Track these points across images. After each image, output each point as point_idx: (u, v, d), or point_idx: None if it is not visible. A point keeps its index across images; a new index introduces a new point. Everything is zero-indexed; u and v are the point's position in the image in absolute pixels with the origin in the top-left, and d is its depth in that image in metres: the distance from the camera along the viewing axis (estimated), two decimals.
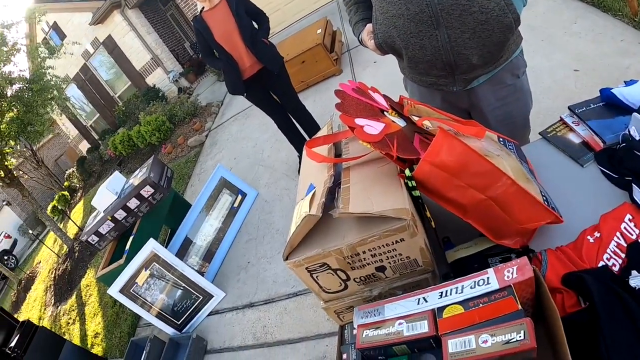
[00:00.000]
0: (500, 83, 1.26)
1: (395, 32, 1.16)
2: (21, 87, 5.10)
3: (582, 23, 2.89)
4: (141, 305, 2.67)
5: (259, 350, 2.31)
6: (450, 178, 0.69)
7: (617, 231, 0.68)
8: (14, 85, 5.02)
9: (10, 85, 4.92)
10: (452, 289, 0.59)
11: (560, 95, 2.42)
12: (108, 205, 3.02)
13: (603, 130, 0.94)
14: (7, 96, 4.97)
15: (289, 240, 0.71)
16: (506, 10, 1.05)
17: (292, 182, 3.40)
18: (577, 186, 0.90)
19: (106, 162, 8.80)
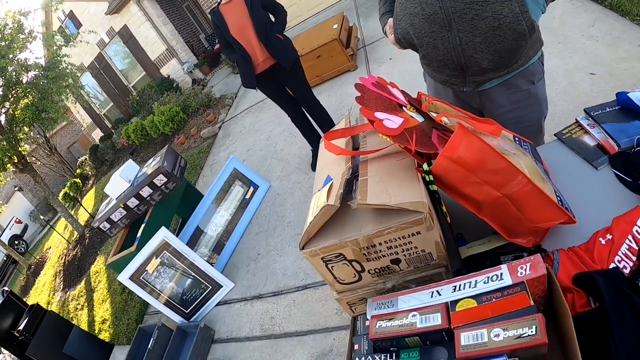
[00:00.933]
0: (513, 87, 1.25)
1: (411, 29, 1.17)
2: (37, 74, 5.17)
3: (599, 26, 2.86)
4: (150, 293, 2.72)
5: (266, 341, 2.34)
6: (467, 174, 0.71)
7: (630, 234, 0.68)
8: (29, 72, 5.09)
9: (26, 72, 4.99)
10: (465, 283, 0.60)
11: (576, 99, 2.40)
12: (121, 193, 3.07)
13: (618, 134, 0.94)
14: (23, 83, 5.04)
15: (305, 230, 0.73)
16: (520, 18, 1.03)
17: (305, 176, 3.42)
18: (590, 188, 0.91)
19: (119, 150, 8.91)
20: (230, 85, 7.31)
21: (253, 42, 2.80)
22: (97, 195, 7.93)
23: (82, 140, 13.21)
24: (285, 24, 2.95)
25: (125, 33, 9.19)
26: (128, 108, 9.72)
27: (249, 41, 2.79)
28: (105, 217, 3.01)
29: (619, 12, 2.84)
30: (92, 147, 9.92)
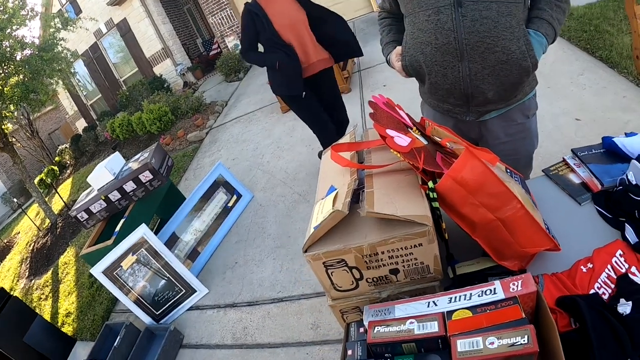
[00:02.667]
0: (510, 120, 1.35)
1: (422, 57, 1.24)
2: (31, 53, 5.07)
3: (588, 75, 3.04)
4: (122, 290, 2.66)
5: (237, 350, 2.31)
6: (467, 195, 0.76)
7: (609, 264, 0.74)
8: (24, 50, 4.99)
9: (22, 49, 4.89)
10: (460, 295, 0.64)
11: (560, 141, 2.53)
12: (103, 185, 3.01)
13: (602, 174, 1.02)
14: (16, 60, 4.93)
15: (311, 234, 0.75)
16: (526, 55, 1.13)
17: (289, 190, 3.44)
18: (574, 222, 0.97)
19: (101, 143, 8.73)
20: (221, 93, 7.33)
21: (306, 41, 2.47)
22: (73, 186, 7.71)
23: (65, 128, 12.88)
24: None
25: (124, 26, 9.14)
26: (116, 102, 9.58)
27: (301, 39, 2.46)
28: (84, 207, 2.94)
29: (607, 64, 3.04)
30: (74, 137, 9.69)
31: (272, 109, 5.42)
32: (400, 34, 1.38)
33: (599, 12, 3.89)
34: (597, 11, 3.93)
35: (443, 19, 1.14)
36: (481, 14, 1.10)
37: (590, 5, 4.14)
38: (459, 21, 1.12)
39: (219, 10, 8.39)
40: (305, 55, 2.50)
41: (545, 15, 1.17)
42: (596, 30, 3.53)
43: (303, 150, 3.99)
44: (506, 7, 1.09)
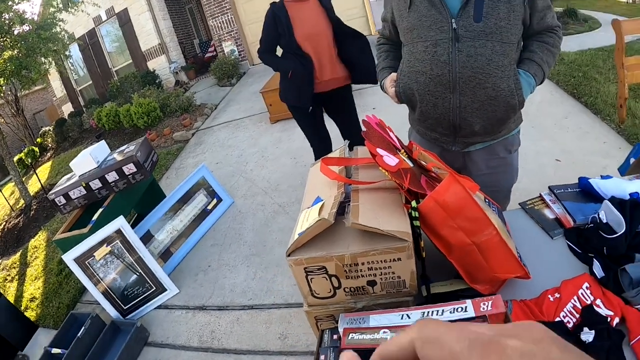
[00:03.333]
0: (493, 154, 1.41)
1: (415, 86, 1.29)
2: (29, 30, 4.99)
3: (572, 119, 3.19)
4: (91, 280, 2.60)
5: (202, 354, 2.28)
6: (447, 218, 0.79)
7: (575, 295, 0.79)
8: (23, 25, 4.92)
9: (21, 24, 4.81)
10: (433, 310, 0.67)
11: (539, 179, 2.63)
12: (85, 172, 2.96)
13: (575, 212, 1.08)
14: (14, 34, 4.85)
15: (295, 239, 0.78)
16: (514, 93, 1.20)
17: (269, 200, 3.46)
18: (545, 254, 1.02)
19: (85, 130, 8.56)
20: (212, 96, 7.33)
21: (324, 55, 2.36)
22: (52, 169, 7.51)
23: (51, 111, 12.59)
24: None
25: (124, 16, 9.08)
26: (106, 91, 9.44)
27: (320, 52, 2.35)
28: (63, 191, 2.88)
29: (592, 110, 3.19)
30: (59, 120, 9.47)
31: (260, 118, 5.45)
32: (397, 60, 1.44)
33: (589, 59, 4.10)
34: (587, 58, 4.14)
35: (440, 52, 1.20)
36: (476, 50, 1.16)
37: (582, 52, 4.36)
38: (454, 55, 1.18)
39: (221, 14, 8.44)
40: (320, 71, 2.40)
41: (536, 57, 1.24)
42: (584, 77, 3.72)
43: (287, 162, 4.02)
44: (500, 46, 1.16)
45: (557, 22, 1.27)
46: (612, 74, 3.60)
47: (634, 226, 0.89)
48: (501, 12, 1.12)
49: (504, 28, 1.14)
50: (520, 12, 1.16)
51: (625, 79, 2.59)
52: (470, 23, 1.14)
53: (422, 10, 1.21)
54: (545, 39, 1.26)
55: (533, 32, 1.26)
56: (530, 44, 1.28)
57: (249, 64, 8.68)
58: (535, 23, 1.23)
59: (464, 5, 1.14)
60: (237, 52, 8.54)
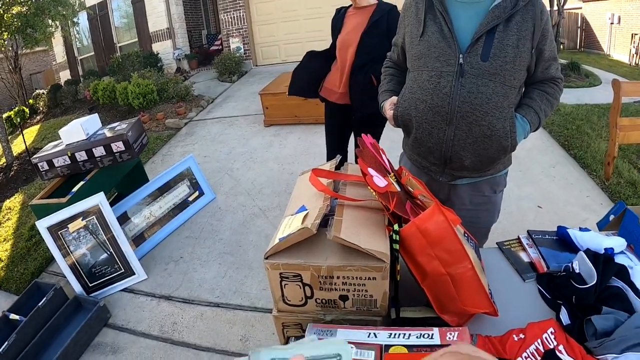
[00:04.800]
0: (478, 191, 1.44)
1: (414, 112, 1.32)
2: None
3: (559, 169, 3.26)
4: (61, 251, 2.54)
5: (161, 344, 2.24)
6: (426, 245, 0.81)
7: (539, 338, 0.81)
8: None
9: None
10: (400, 333, 0.68)
11: (519, 223, 2.68)
12: (73, 142, 2.90)
13: (550, 258, 1.11)
14: None
15: (275, 243, 0.78)
16: (508, 135, 1.23)
17: (251, 202, 3.46)
18: (515, 295, 1.04)
19: (78, 100, 8.41)
20: (211, 89, 7.32)
21: (346, 67, 2.35)
22: (39, 134, 7.35)
23: (47, 74, 12.34)
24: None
25: None
26: (106, 65, 9.32)
27: (344, 62, 2.35)
28: (47, 157, 2.82)
29: (580, 163, 3.28)
30: (54, 85, 9.28)
31: (255, 119, 5.45)
32: (400, 85, 1.46)
33: (585, 114, 4.22)
34: (582, 113, 4.26)
35: (443, 83, 1.22)
36: (478, 88, 1.19)
37: (578, 106, 4.49)
38: (456, 89, 1.20)
39: (233, 10, 8.45)
40: (336, 81, 2.43)
41: (535, 105, 1.28)
42: (577, 130, 3.83)
43: (275, 167, 4.03)
44: (502, 88, 1.19)
45: (560, 74, 1.32)
46: (605, 131, 3.71)
47: (604, 280, 0.92)
48: (508, 56, 1.16)
49: (508, 71, 1.17)
50: (526, 58, 1.19)
51: (616, 138, 2.67)
52: (477, 61, 1.17)
53: (432, 41, 1.24)
54: (547, 88, 1.30)
55: (536, 80, 1.30)
56: (531, 90, 1.31)
57: (252, 64, 8.69)
58: (540, 72, 1.27)
59: (474, 43, 1.17)
60: (243, 50, 8.54)
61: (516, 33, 1.15)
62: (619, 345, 0.77)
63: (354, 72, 2.32)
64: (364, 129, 2.44)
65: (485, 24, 1.16)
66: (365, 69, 2.27)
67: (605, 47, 10.32)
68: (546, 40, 1.21)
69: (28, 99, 9.48)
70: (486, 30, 1.16)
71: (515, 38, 1.15)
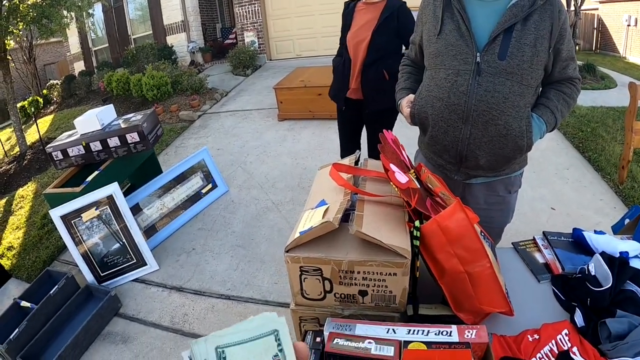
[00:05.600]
0: (493, 190, 1.43)
1: (430, 110, 1.32)
2: None
3: (573, 171, 3.23)
4: (74, 240, 2.58)
5: (172, 334, 2.28)
6: (446, 243, 0.81)
7: (553, 339, 0.81)
8: None
9: None
10: (419, 330, 0.69)
11: (531, 224, 2.66)
12: (88, 132, 2.95)
13: (565, 260, 1.11)
14: None
15: (297, 237, 0.79)
16: (524, 135, 1.22)
17: (264, 195, 3.48)
18: (530, 295, 1.05)
19: (92, 91, 8.51)
20: (225, 83, 7.35)
21: (357, 62, 2.36)
22: (52, 124, 7.46)
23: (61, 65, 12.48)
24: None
25: None
26: (120, 57, 9.39)
27: (356, 58, 2.36)
28: (62, 146, 2.86)
29: (594, 166, 3.24)
30: (68, 76, 9.40)
31: (269, 113, 5.46)
32: (417, 83, 1.46)
33: (600, 117, 4.17)
34: (597, 115, 4.20)
35: (460, 82, 1.22)
36: (495, 87, 1.18)
37: (593, 108, 4.43)
38: (473, 87, 1.20)
39: (249, 4, 8.46)
40: (352, 77, 2.42)
41: (551, 105, 1.27)
42: (592, 133, 3.78)
43: (288, 161, 4.04)
44: (519, 87, 1.19)
45: (578, 74, 1.30)
46: (620, 135, 3.66)
47: (619, 283, 0.92)
48: (525, 55, 1.15)
49: (525, 70, 1.17)
50: (544, 58, 1.19)
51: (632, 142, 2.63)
52: (494, 59, 1.17)
53: (450, 39, 1.24)
54: (564, 88, 1.29)
55: (553, 80, 1.29)
56: (548, 90, 1.31)
57: (266, 58, 8.70)
58: (557, 72, 1.26)
59: (491, 42, 1.17)
60: (257, 44, 8.56)
61: (534, 32, 1.15)
62: (632, 349, 0.77)
63: (366, 69, 2.34)
64: (376, 124, 2.52)
65: (502, 23, 1.15)
66: (376, 65, 2.30)
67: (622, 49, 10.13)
68: (564, 40, 1.20)
69: (42, 89, 9.60)
70: (504, 28, 1.15)
71: (533, 37, 1.15)
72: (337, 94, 2.55)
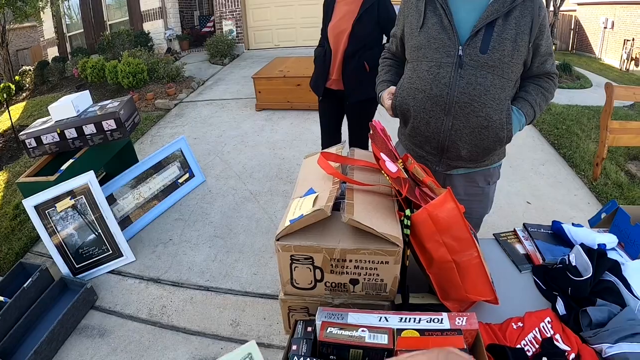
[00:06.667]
0: (473, 182, 1.46)
1: (412, 102, 1.33)
2: None
3: (548, 167, 3.33)
4: (48, 231, 2.49)
5: (150, 327, 2.22)
6: (435, 232, 0.82)
7: (537, 327, 0.84)
8: None
9: None
10: (411, 317, 0.69)
11: (508, 218, 2.73)
12: (63, 119, 2.82)
13: (545, 251, 1.14)
14: None
15: (287, 225, 0.78)
16: (504, 127, 1.25)
17: (242, 185, 3.44)
18: (512, 285, 1.07)
19: (66, 78, 8.17)
20: (202, 71, 7.21)
21: (338, 53, 2.38)
22: (25, 111, 7.12)
23: (35, 51, 11.90)
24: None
25: None
26: (95, 43, 9.06)
27: (337, 49, 2.38)
28: (35, 134, 2.73)
29: (568, 162, 3.35)
30: (41, 62, 8.97)
31: (246, 103, 5.39)
32: (397, 76, 1.47)
33: (575, 115, 4.31)
34: (573, 114, 4.34)
35: (442, 74, 1.23)
36: (477, 80, 1.20)
37: (569, 107, 4.57)
38: (455, 80, 1.22)
39: None
40: (332, 67, 2.44)
41: (530, 98, 1.31)
42: (567, 131, 3.91)
43: (266, 151, 4.01)
44: (500, 80, 1.21)
45: (555, 69, 1.34)
46: (594, 133, 3.80)
47: (598, 273, 0.95)
48: (506, 49, 1.18)
49: (506, 64, 1.19)
50: (523, 53, 1.21)
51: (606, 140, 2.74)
52: (476, 53, 1.19)
53: (432, 32, 1.25)
54: (542, 83, 1.33)
55: (532, 74, 1.33)
56: (527, 84, 1.34)
57: (244, 48, 8.58)
58: (536, 66, 1.29)
59: (473, 35, 1.19)
60: (235, 33, 8.43)
61: (514, 27, 1.17)
62: (613, 335, 0.80)
63: (347, 60, 2.36)
64: (357, 115, 2.56)
65: (485, 17, 1.17)
66: (357, 56, 2.33)
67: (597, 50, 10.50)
68: (543, 36, 1.23)
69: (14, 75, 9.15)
70: (486, 23, 1.17)
71: (514, 32, 1.17)
72: (316, 84, 2.57)
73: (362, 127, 2.54)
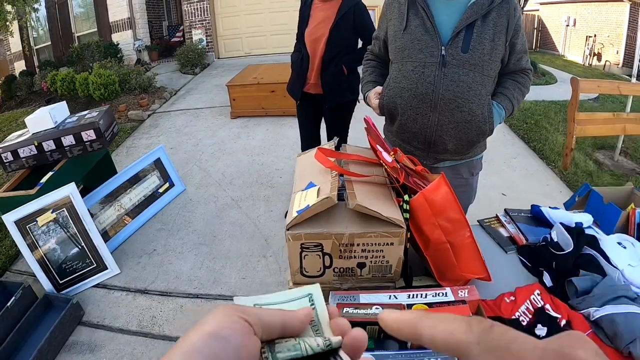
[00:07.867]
0: (458, 173, 1.55)
1: (399, 100, 1.40)
2: None
3: (520, 160, 3.49)
4: (29, 247, 2.41)
5: (141, 339, 2.19)
6: (431, 215, 0.88)
7: (528, 299, 0.91)
8: None
9: None
10: (417, 293, 0.74)
11: (485, 209, 2.80)
12: (41, 130, 2.75)
13: (527, 232, 1.23)
14: None
15: (296, 215, 0.82)
16: (486, 120, 1.35)
17: (223, 193, 3.44)
18: (500, 265, 1.15)
19: (34, 92, 7.90)
20: (173, 81, 7.17)
21: (316, 58, 2.44)
22: None
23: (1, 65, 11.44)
24: (361, 60, 2.16)
25: None
26: (63, 55, 8.82)
27: (314, 54, 2.43)
28: (11, 147, 2.64)
29: (539, 155, 3.52)
30: (8, 77, 8.63)
31: (221, 111, 5.39)
32: (382, 77, 1.56)
33: (542, 110, 4.53)
34: (540, 109, 4.56)
35: (427, 73, 1.32)
36: (460, 77, 1.29)
37: (536, 103, 4.80)
38: (440, 78, 1.30)
39: (197, 1, 8.27)
40: (310, 72, 2.49)
41: (508, 93, 1.41)
42: (536, 125, 4.10)
43: (244, 158, 4.02)
44: (480, 77, 1.30)
45: (530, 65, 1.46)
46: (562, 126, 4.00)
47: (578, 248, 1.04)
48: (485, 48, 1.27)
49: (486, 62, 1.29)
50: (501, 51, 1.31)
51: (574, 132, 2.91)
52: (457, 52, 1.28)
53: (416, 34, 1.33)
54: (519, 78, 1.43)
55: (509, 71, 1.43)
56: (504, 80, 1.44)
57: (214, 56, 8.55)
58: (512, 63, 1.39)
59: (455, 36, 1.28)
60: (205, 42, 8.40)
61: (492, 28, 1.27)
62: (598, 300, 0.88)
63: (325, 64, 2.42)
64: (335, 118, 2.65)
65: (464, 19, 1.27)
66: (335, 61, 2.40)
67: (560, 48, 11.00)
68: (518, 35, 1.34)
69: None
70: (466, 24, 1.27)
71: (492, 32, 1.27)
72: (293, 88, 2.62)
73: (340, 129, 2.65)
